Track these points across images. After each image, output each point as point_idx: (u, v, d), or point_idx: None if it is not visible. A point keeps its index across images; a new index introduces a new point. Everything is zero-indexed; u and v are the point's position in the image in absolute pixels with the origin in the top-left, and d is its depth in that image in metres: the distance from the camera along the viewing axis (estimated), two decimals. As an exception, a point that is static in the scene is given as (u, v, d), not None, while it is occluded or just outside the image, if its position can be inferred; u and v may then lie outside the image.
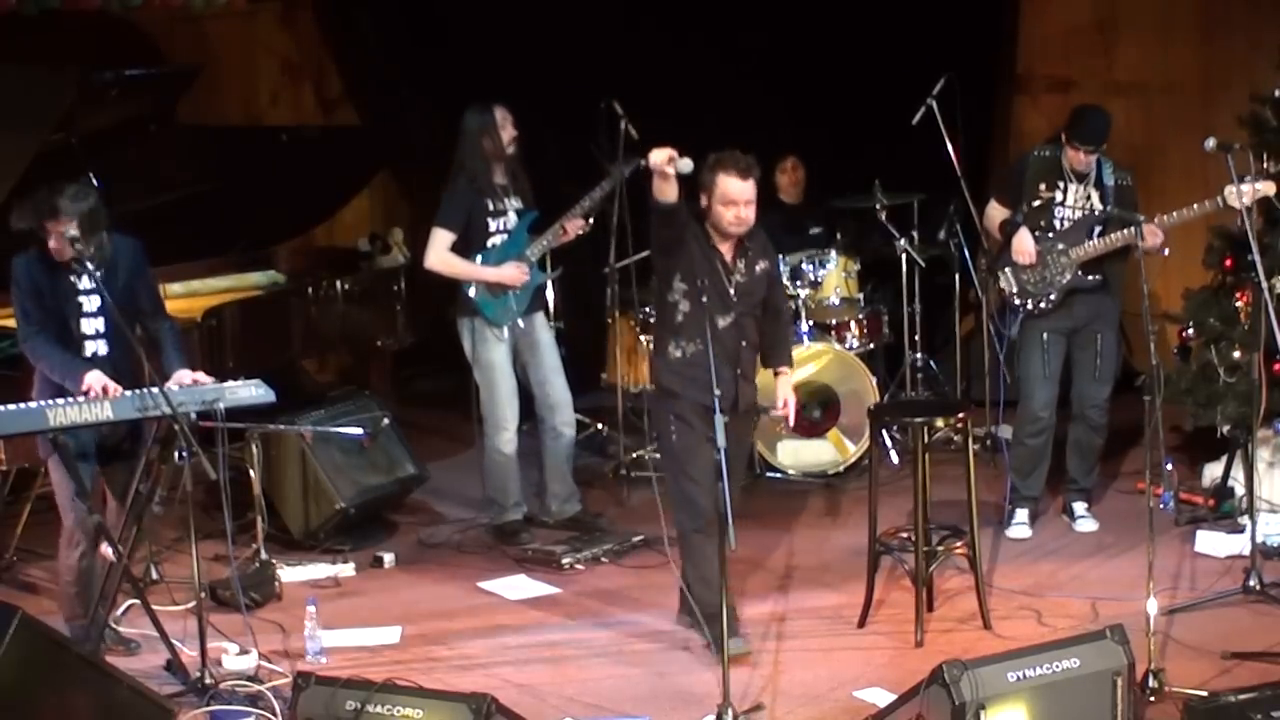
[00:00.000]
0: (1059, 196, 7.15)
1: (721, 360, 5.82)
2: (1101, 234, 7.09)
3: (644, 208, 6.10)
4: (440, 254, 7.36)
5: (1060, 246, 7.11)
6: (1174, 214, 6.91)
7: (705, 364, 5.71)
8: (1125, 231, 6.94)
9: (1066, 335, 7.23)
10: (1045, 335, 7.20)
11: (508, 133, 7.37)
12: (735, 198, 5.96)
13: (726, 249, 6.07)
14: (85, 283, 6.03)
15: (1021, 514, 7.38)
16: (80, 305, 6.05)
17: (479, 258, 7.37)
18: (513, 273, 7.38)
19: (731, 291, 6.05)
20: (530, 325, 7.53)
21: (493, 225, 7.40)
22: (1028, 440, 7.34)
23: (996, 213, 7.33)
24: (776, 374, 6.34)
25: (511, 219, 7.44)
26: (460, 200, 7.36)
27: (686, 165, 5.71)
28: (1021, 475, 7.37)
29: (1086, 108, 7.31)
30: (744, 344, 6.11)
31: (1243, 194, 6.52)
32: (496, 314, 7.41)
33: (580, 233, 7.56)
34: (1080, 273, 7.10)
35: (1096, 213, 7.11)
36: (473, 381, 7.53)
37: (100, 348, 6.09)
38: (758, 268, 6.13)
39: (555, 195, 7.64)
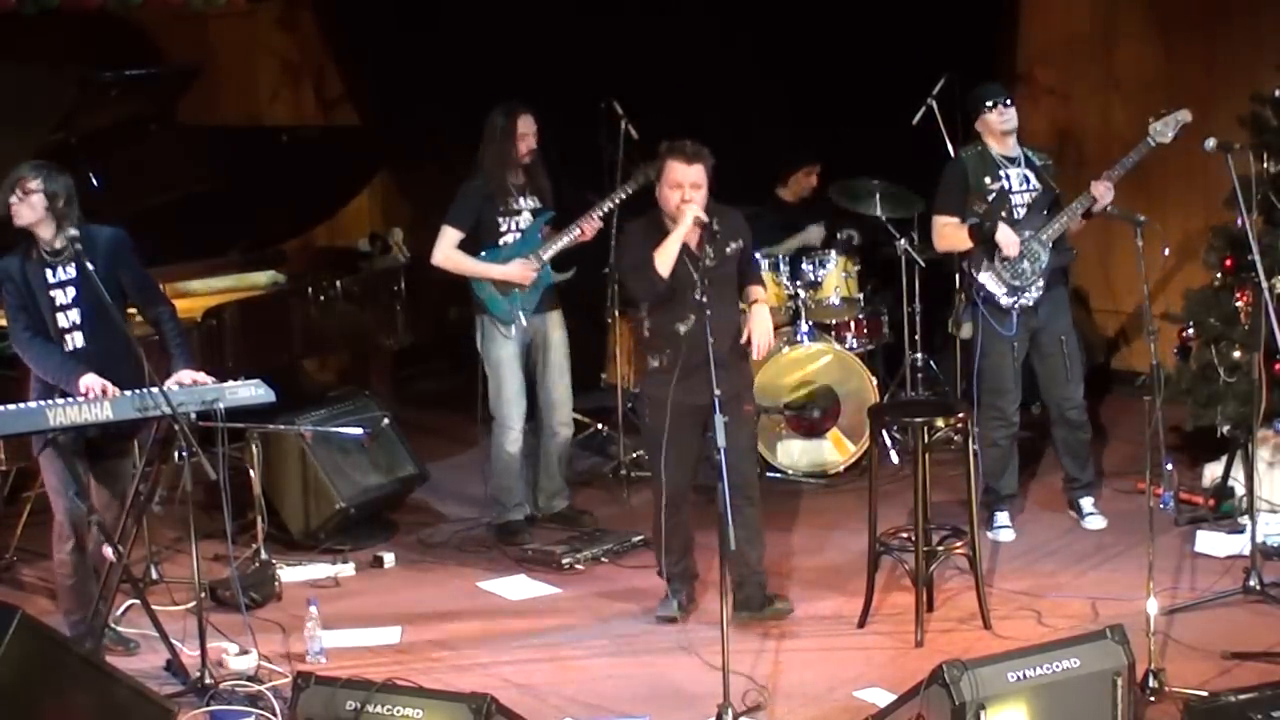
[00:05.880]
0: (1006, 184, 7.16)
1: (698, 362, 5.85)
2: (1053, 210, 7.13)
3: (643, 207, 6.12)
4: (446, 251, 7.37)
5: (1028, 233, 7.11)
6: (1116, 167, 7.04)
7: (677, 368, 5.96)
8: (1079, 199, 7.03)
9: (1030, 336, 7.24)
10: (1014, 343, 7.19)
11: (526, 143, 7.37)
12: (680, 181, 6.09)
13: (691, 236, 6.12)
14: (57, 275, 6.03)
15: (1002, 516, 7.38)
16: (53, 299, 6.05)
17: (487, 255, 7.39)
18: (519, 270, 7.38)
19: (697, 280, 6.02)
20: (544, 323, 7.54)
21: (504, 224, 7.41)
22: (1001, 442, 7.34)
23: (950, 229, 7.24)
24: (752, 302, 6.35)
25: (525, 218, 7.44)
26: (471, 198, 7.38)
27: None
28: (996, 476, 7.36)
29: (976, 85, 7.39)
30: (714, 340, 5.89)
31: (1166, 128, 6.80)
32: (503, 312, 7.41)
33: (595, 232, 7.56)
34: (1054, 249, 7.12)
35: (1043, 192, 7.15)
36: (479, 380, 7.55)
37: (77, 339, 6.08)
38: (728, 249, 6.22)
39: (557, 193, 7.65)
